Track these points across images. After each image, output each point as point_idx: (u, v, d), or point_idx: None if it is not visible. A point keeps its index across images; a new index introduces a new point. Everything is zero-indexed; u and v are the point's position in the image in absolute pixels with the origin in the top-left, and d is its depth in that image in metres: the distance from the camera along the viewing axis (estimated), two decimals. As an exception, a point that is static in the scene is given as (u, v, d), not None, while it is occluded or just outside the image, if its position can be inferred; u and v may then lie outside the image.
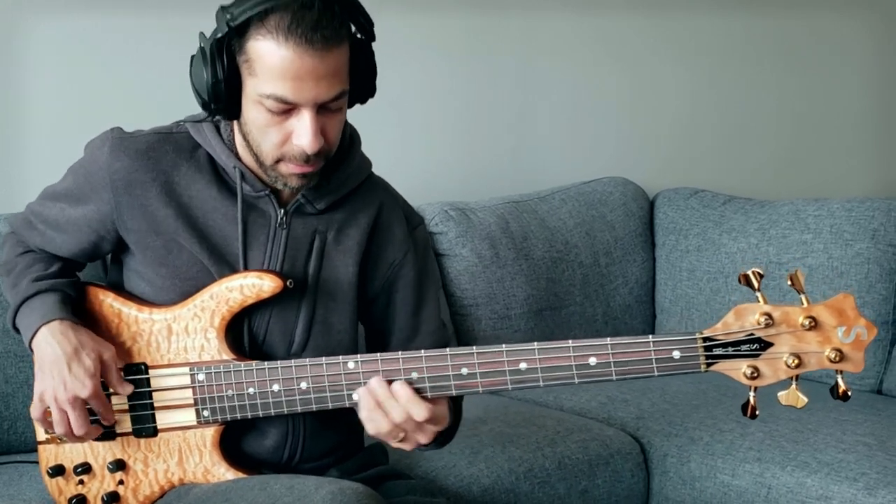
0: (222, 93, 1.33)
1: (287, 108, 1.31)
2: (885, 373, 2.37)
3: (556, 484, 1.89)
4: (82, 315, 1.46)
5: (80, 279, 1.52)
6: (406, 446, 1.37)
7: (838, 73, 3.29)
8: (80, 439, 1.42)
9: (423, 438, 1.36)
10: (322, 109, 1.32)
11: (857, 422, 2.05)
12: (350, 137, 1.50)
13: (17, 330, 1.47)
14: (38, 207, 1.52)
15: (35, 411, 1.41)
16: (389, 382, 1.34)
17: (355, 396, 1.36)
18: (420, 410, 1.32)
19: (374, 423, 1.35)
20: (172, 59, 2.28)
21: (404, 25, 2.58)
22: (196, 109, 1.51)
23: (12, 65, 2.16)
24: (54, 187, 1.52)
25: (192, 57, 1.37)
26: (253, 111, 1.33)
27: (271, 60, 1.28)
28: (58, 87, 2.21)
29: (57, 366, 1.37)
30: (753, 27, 3.13)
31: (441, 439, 1.42)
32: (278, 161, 1.36)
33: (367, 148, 1.55)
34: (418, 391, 1.34)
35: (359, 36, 1.36)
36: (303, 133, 1.32)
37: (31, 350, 1.42)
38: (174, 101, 1.79)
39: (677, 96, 3.05)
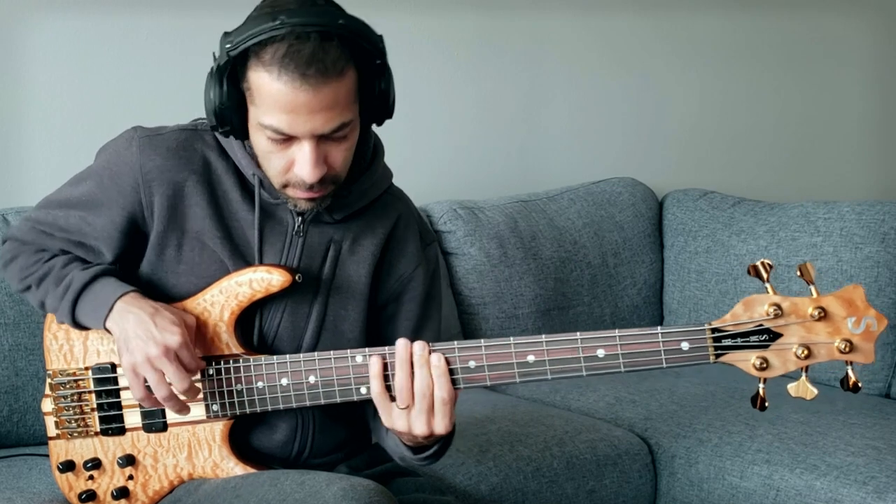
0: (227, 117, 1.33)
1: (287, 138, 1.30)
2: (893, 376, 2.36)
3: (564, 483, 1.89)
4: None
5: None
6: (401, 424, 1.31)
7: (847, 74, 3.29)
8: (182, 405, 1.37)
9: (421, 427, 1.30)
10: (324, 139, 1.31)
11: (866, 425, 2.05)
12: (374, 149, 1.49)
13: (76, 324, 1.43)
14: (46, 217, 1.48)
15: (137, 391, 1.36)
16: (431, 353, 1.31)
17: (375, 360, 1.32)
18: (444, 388, 1.28)
19: (395, 380, 1.30)
20: (173, 58, 2.31)
21: (413, 25, 2.58)
22: (198, 108, 1.51)
23: (13, 64, 2.16)
24: (62, 195, 1.48)
25: (208, 74, 1.36)
26: (256, 137, 1.33)
27: (267, 92, 1.27)
28: (58, 87, 2.20)
29: (142, 325, 1.34)
30: (762, 29, 3.13)
31: (433, 453, 1.41)
32: (285, 186, 1.36)
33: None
34: None
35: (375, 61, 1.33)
36: (302, 163, 1.31)
37: (107, 329, 1.39)
38: (175, 100, 1.80)
39: (687, 97, 3.05)
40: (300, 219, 1.43)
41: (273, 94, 1.26)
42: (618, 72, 2.93)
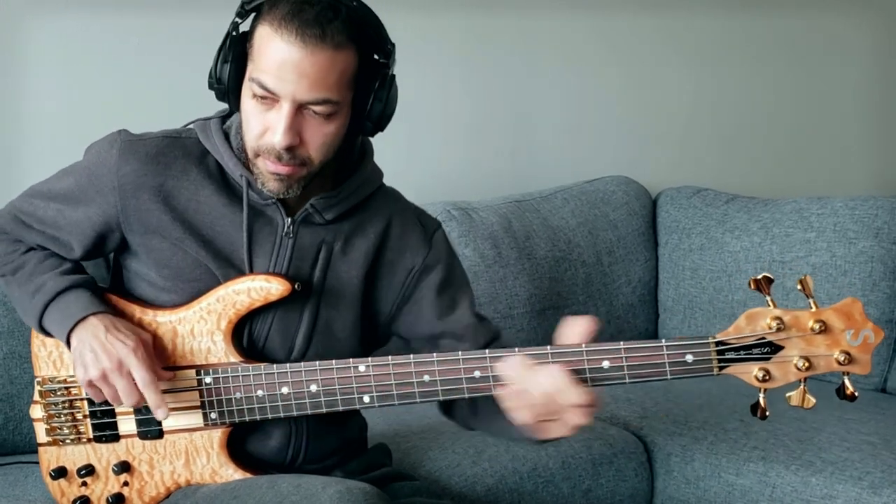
0: (226, 77, 1.35)
1: (270, 98, 1.30)
2: (889, 371, 2.37)
3: (560, 483, 1.89)
4: None
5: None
6: (563, 430, 1.27)
7: (840, 70, 3.29)
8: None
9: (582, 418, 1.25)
10: (305, 111, 1.31)
11: (861, 421, 2.05)
12: (362, 149, 1.49)
13: (42, 328, 1.43)
14: (27, 206, 1.49)
15: (97, 398, 1.38)
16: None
17: (502, 367, 1.28)
18: (581, 395, 1.24)
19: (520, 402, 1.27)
20: (172, 59, 2.30)
21: (406, 25, 2.55)
22: (196, 110, 1.52)
23: (12, 65, 2.16)
24: (46, 186, 1.48)
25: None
26: (245, 98, 1.34)
27: (265, 46, 1.28)
28: (58, 87, 2.20)
29: (97, 339, 1.35)
30: (755, 26, 3.13)
31: None
32: (257, 155, 1.35)
33: (368, 148, 1.55)
34: (430, 394, 1.34)
35: (376, 57, 1.36)
36: (276, 126, 1.30)
37: (68, 343, 1.39)
38: (174, 101, 1.80)
39: (680, 95, 3.05)
40: (290, 220, 1.42)
41: (269, 47, 1.27)
42: (610, 70, 2.93)
